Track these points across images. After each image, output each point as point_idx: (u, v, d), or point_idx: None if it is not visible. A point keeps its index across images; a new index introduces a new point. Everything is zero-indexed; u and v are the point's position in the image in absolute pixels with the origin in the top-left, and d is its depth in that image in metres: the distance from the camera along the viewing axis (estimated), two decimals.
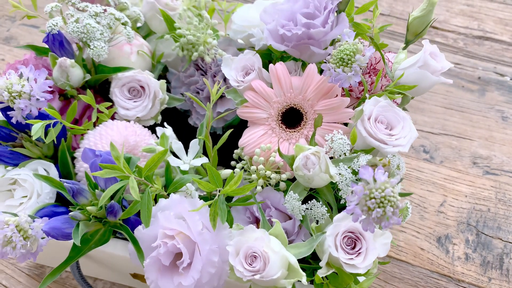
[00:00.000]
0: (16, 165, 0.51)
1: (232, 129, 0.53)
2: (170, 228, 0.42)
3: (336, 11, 0.55)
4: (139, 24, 0.66)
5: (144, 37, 0.68)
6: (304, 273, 0.40)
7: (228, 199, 0.51)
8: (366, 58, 0.47)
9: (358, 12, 0.57)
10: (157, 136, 0.55)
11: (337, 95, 0.51)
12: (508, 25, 1.01)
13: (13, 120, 0.49)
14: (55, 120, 0.48)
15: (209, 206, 0.43)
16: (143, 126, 0.57)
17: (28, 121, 0.47)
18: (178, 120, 0.66)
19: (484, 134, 0.82)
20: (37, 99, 0.49)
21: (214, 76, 0.62)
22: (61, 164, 0.52)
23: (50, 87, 0.50)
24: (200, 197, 0.49)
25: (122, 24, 0.57)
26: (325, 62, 0.50)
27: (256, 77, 0.54)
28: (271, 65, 0.53)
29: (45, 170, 0.52)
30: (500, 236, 0.70)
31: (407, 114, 0.51)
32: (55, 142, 0.53)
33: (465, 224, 0.72)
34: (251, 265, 0.40)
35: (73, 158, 0.54)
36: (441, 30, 1.00)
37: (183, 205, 0.43)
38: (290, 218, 0.51)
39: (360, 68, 0.47)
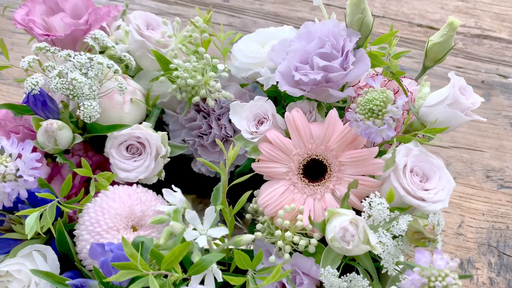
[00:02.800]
0: (6, 253, 0.45)
1: (245, 176, 0.47)
2: None
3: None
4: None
5: (133, 76, 0.61)
6: None
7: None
8: (400, 109, 0.42)
9: (374, 44, 0.52)
10: (163, 198, 0.49)
11: (364, 146, 0.47)
12: (505, 21, 0.97)
13: None
14: (50, 204, 0.42)
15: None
16: (146, 185, 0.51)
17: (18, 213, 0.41)
18: (178, 161, 0.60)
19: (494, 144, 0.79)
20: (25, 180, 0.42)
21: (219, 119, 0.56)
22: (59, 243, 0.46)
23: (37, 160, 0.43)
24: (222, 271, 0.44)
25: (114, 72, 0.50)
26: (349, 110, 0.44)
27: (271, 127, 0.48)
28: (287, 113, 0.47)
29: (40, 254, 0.45)
30: None
31: (440, 160, 0.47)
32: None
33: (486, 246, 0.69)
34: None
35: (71, 232, 0.47)
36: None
37: None
38: (322, 283, 0.46)
39: (394, 120, 0.42)
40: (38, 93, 0.46)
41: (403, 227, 0.41)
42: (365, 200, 0.41)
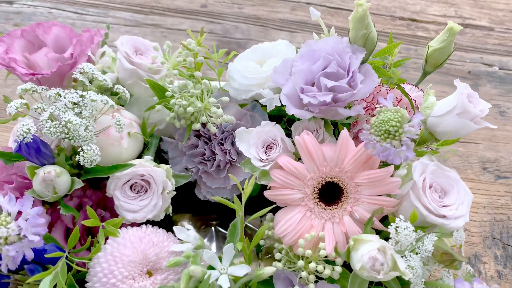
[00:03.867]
0: None
1: (264, 210, 0.46)
2: None
3: None
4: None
5: (123, 105, 0.57)
6: None
7: None
8: (417, 128, 0.41)
9: (377, 55, 0.51)
10: (174, 235, 0.47)
11: (380, 166, 0.45)
12: (483, 8, 0.98)
13: (4, 270, 0.39)
14: (61, 263, 0.39)
15: None
16: (155, 223, 0.49)
17: (32, 279, 0.38)
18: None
19: (487, 135, 0.80)
20: (30, 240, 0.39)
21: (221, 144, 0.54)
22: None
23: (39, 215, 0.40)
24: None
25: (110, 107, 0.47)
26: (363, 131, 0.43)
27: (282, 152, 0.47)
28: (297, 137, 0.46)
29: None
30: None
31: (455, 172, 0.46)
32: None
33: (490, 239, 0.70)
34: None
35: (80, 281, 0.45)
36: (420, 23, 0.95)
37: None
38: None
39: (412, 141, 0.41)
40: (31, 140, 0.43)
41: (429, 248, 0.41)
42: (391, 226, 0.40)
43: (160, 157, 0.59)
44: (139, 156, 0.53)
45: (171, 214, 0.51)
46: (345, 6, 0.97)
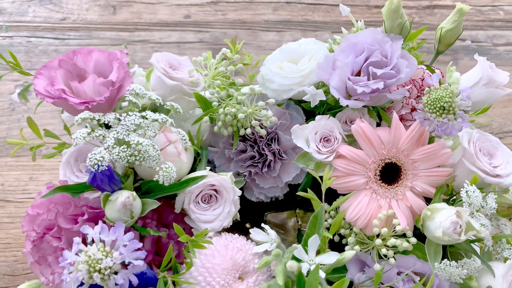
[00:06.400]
0: None
1: (345, 197, 0.48)
2: None
3: None
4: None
5: None
6: None
7: None
8: (468, 100, 0.45)
9: (407, 41, 0.55)
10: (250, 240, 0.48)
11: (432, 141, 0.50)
12: None
13: None
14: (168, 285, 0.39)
15: None
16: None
17: None
18: None
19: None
20: (133, 265, 0.39)
21: (268, 145, 0.56)
22: None
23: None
24: None
25: (170, 125, 0.47)
26: (418, 111, 0.47)
27: (342, 142, 0.50)
28: (354, 126, 0.49)
29: None
30: None
31: (493, 136, 0.51)
32: None
33: None
34: None
35: None
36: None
37: None
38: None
39: (466, 112, 0.45)
40: (106, 168, 0.43)
41: (493, 205, 0.45)
42: (462, 191, 0.45)
43: None
44: (193, 169, 0.54)
45: (238, 219, 0.52)
46: (323, 1, 1.01)
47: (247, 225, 0.65)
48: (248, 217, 0.63)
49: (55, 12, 0.96)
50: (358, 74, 0.50)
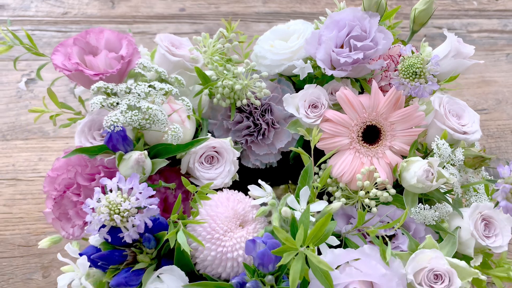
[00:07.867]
0: (137, 285, 0.47)
1: (330, 153, 0.55)
2: (351, 281, 0.44)
3: None
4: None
5: None
6: (476, 270, 0.46)
7: None
8: (437, 66, 0.52)
9: (383, 19, 0.62)
10: (248, 196, 0.54)
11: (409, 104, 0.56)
12: None
13: (128, 240, 0.45)
14: (178, 226, 0.45)
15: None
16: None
17: (167, 236, 0.43)
18: None
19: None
20: (148, 209, 0.45)
21: (262, 115, 0.62)
22: (178, 260, 0.49)
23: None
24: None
25: (175, 95, 0.53)
26: (393, 77, 0.54)
27: (328, 107, 0.56)
28: (338, 92, 0.55)
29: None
30: None
31: (460, 100, 0.58)
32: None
33: None
34: (436, 284, 0.45)
35: None
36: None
37: (350, 255, 0.45)
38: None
39: (434, 76, 0.52)
40: (121, 129, 0.48)
41: (460, 157, 0.52)
42: (433, 144, 0.51)
43: None
44: (195, 137, 0.60)
45: (237, 180, 0.58)
46: None
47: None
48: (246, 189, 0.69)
49: (56, 7, 1.01)
50: (342, 47, 0.57)
